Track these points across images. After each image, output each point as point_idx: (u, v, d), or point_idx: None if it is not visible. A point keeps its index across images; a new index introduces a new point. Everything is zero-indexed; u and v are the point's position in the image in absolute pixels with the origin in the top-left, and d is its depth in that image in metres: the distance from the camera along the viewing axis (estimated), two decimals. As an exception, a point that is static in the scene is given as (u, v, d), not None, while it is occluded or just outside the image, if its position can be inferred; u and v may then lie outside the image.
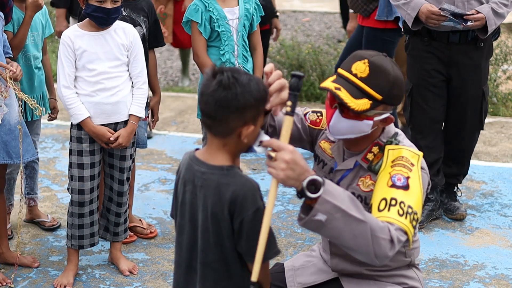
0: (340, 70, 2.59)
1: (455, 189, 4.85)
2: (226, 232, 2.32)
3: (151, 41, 4.39)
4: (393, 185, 2.49)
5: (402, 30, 4.70)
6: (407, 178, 2.50)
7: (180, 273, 2.46)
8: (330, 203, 2.28)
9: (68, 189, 3.98)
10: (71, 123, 3.92)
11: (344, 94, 2.51)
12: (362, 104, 2.51)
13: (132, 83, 3.96)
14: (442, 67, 4.50)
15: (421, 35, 4.51)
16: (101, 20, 3.78)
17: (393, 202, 2.45)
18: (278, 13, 6.23)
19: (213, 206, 2.31)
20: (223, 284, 2.37)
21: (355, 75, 2.54)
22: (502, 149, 5.99)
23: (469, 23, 4.28)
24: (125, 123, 3.94)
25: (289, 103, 2.27)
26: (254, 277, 2.26)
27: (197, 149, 2.46)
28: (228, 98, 2.24)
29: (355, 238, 2.33)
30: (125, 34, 3.89)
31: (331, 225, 2.30)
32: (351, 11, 5.96)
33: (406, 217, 2.42)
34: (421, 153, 2.60)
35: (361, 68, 2.53)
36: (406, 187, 2.48)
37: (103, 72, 3.83)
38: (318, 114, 2.82)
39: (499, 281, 4.03)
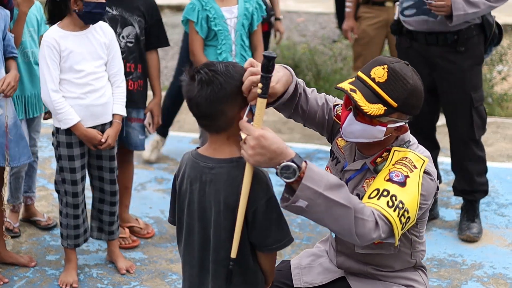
0: (359, 73, 2.58)
1: (475, 208, 4.62)
2: None
3: (153, 41, 4.33)
4: (390, 180, 2.49)
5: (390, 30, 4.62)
6: (406, 176, 2.49)
7: (194, 274, 2.45)
8: (311, 189, 2.28)
9: (58, 191, 3.95)
10: (56, 128, 3.85)
11: (358, 97, 2.50)
12: (375, 109, 2.49)
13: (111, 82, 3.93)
14: (426, 71, 4.36)
15: (405, 36, 4.45)
16: (99, 16, 3.76)
17: (385, 193, 2.45)
18: (280, 17, 5.93)
19: (226, 199, 2.31)
20: (236, 281, 2.37)
21: (373, 80, 2.52)
22: (498, 149, 6.00)
23: (432, 2, 4.12)
24: (110, 123, 3.92)
25: (260, 85, 2.24)
26: (233, 254, 2.30)
27: (198, 147, 2.45)
28: (215, 91, 2.25)
29: (337, 222, 2.33)
30: (104, 33, 3.86)
31: (312, 210, 2.31)
32: (347, 10, 5.96)
33: (394, 210, 2.41)
34: (427, 159, 2.57)
35: (379, 73, 2.52)
36: (402, 184, 2.47)
37: (91, 73, 3.79)
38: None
39: (497, 280, 4.04)
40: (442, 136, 5.24)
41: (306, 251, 3.00)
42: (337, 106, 2.79)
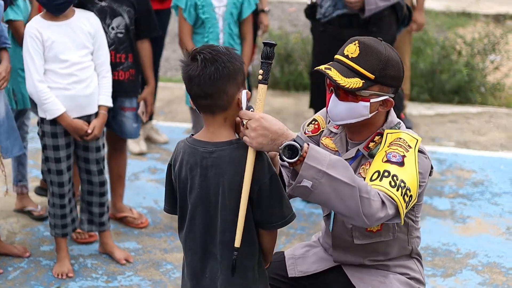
0: (335, 55, 2.62)
1: None
2: None
3: (143, 31, 4.28)
4: (388, 161, 2.51)
5: (305, 15, 4.71)
6: (403, 156, 2.52)
7: (196, 259, 2.45)
8: (314, 168, 2.31)
9: (44, 180, 3.93)
10: (41, 118, 3.83)
11: (333, 73, 2.54)
12: (353, 82, 2.52)
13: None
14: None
15: (319, 20, 4.54)
16: (66, 5, 3.71)
17: (386, 174, 2.47)
18: (266, 9, 5.60)
19: (231, 180, 2.33)
20: (242, 263, 2.37)
21: (347, 56, 2.57)
22: (491, 138, 6.01)
23: None
24: (95, 114, 3.91)
25: (260, 71, 2.34)
26: (237, 243, 2.31)
27: (192, 134, 2.45)
28: (219, 69, 2.30)
29: (343, 201, 2.35)
30: (90, 22, 3.84)
31: (317, 190, 2.33)
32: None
33: (397, 190, 2.44)
34: (419, 138, 2.60)
35: (352, 49, 2.57)
36: (401, 164, 2.50)
37: (76, 63, 3.77)
38: (314, 122, 2.83)
39: (491, 269, 4.05)
40: (439, 126, 5.24)
41: (300, 244, 3.01)
42: (305, 129, 2.83)
